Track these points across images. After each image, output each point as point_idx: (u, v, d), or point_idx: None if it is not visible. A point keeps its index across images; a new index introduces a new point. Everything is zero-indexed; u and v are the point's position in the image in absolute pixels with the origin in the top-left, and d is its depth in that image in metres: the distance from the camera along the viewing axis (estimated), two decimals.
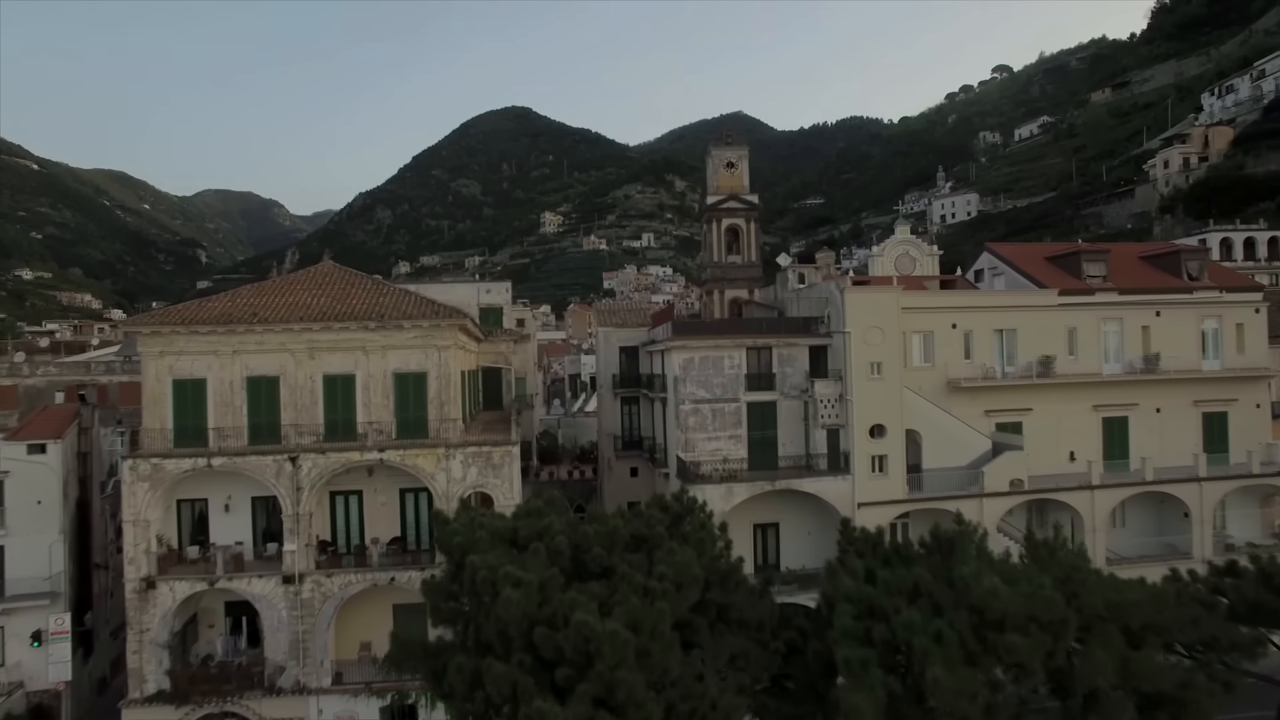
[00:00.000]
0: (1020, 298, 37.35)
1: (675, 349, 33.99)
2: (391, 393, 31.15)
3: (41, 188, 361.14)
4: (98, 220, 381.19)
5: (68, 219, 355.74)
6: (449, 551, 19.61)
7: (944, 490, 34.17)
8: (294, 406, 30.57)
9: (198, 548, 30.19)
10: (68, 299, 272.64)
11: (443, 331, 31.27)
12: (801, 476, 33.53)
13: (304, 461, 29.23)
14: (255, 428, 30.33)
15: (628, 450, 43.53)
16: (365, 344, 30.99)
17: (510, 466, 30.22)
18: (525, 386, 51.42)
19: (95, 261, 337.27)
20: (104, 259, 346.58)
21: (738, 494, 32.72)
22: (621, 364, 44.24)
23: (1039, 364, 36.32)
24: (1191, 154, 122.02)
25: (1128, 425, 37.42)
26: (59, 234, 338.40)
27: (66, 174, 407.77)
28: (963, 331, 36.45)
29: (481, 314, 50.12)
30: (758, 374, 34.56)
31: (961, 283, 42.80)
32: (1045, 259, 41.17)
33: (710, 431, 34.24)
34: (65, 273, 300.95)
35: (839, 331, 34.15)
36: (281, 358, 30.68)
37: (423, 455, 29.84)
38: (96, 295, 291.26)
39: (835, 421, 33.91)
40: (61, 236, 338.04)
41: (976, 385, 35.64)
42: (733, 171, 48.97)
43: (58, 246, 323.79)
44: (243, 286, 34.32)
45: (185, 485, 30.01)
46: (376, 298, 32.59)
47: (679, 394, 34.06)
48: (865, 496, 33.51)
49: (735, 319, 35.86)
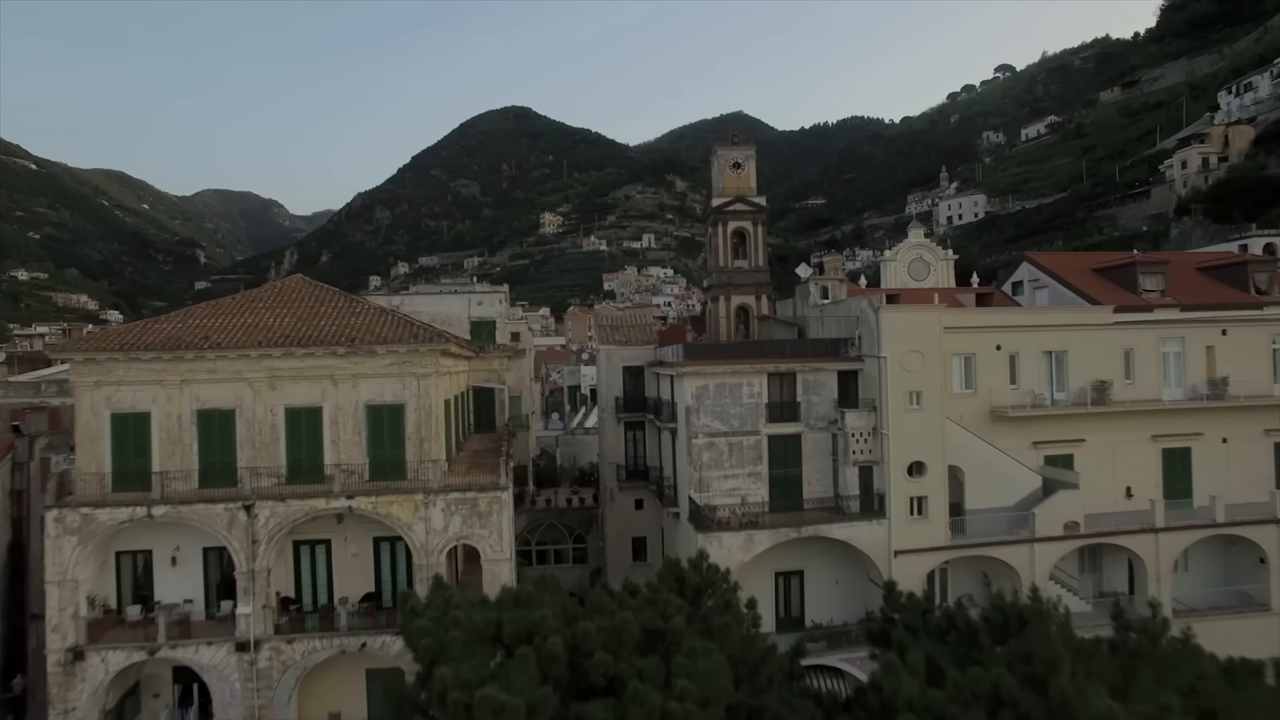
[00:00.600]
0: (1071, 315, 33.40)
1: (688, 375, 30.06)
2: (364, 428, 27.21)
3: (40, 188, 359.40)
4: (96, 220, 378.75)
5: (66, 219, 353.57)
6: (417, 654, 15.73)
7: (990, 535, 30.27)
8: (252, 444, 26.64)
9: (140, 607, 26.20)
10: (63, 300, 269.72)
11: (423, 357, 27.34)
12: (830, 521, 29.56)
13: (260, 510, 25.28)
14: (207, 469, 26.39)
15: (632, 480, 39.60)
16: (334, 372, 27.07)
17: (499, 515, 26.28)
18: (520, 406, 47.57)
19: (93, 262, 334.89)
20: (102, 259, 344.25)
21: (759, 543, 28.78)
22: (625, 385, 40.29)
23: (1094, 390, 32.39)
24: (1211, 154, 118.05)
25: (1190, 458, 33.49)
26: (57, 234, 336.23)
27: (65, 174, 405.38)
28: (1008, 354, 32.53)
29: (473, 328, 46.34)
30: (780, 403, 30.62)
31: (999, 297, 38.87)
32: (1093, 270, 37.26)
33: (726, 468, 30.32)
34: (61, 273, 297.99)
35: (873, 355, 30.21)
36: (238, 388, 26.75)
37: (398, 503, 25.89)
38: (93, 296, 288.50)
39: (868, 458, 29.96)
40: (59, 237, 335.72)
41: (1025, 415, 31.71)
42: (739, 172, 45.39)
43: (55, 247, 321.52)
44: (196, 305, 30.38)
45: (126, 535, 26.10)
46: (348, 318, 28.65)
47: (692, 426, 30.14)
48: (903, 543, 29.59)
49: (755, 341, 31.99)
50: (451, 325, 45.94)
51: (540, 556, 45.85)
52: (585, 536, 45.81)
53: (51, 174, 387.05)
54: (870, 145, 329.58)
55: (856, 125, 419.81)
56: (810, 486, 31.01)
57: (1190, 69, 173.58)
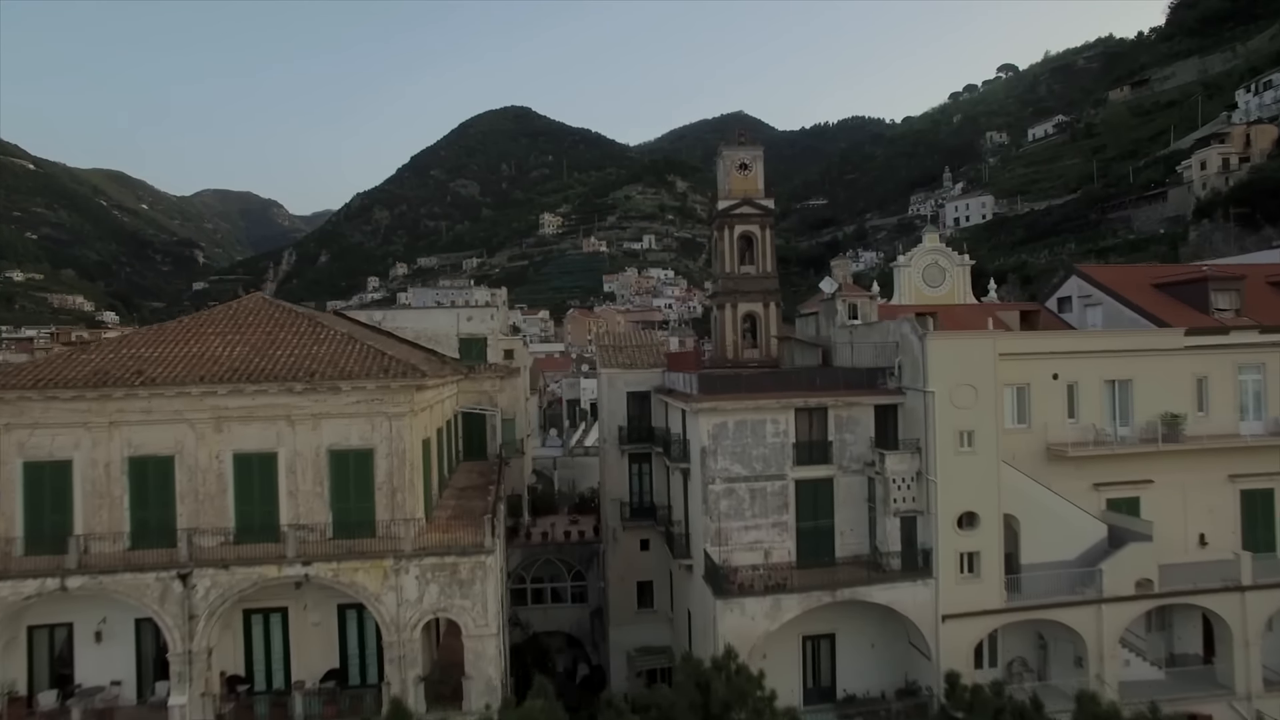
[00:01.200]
0: (1139, 339, 29.34)
1: (703, 411, 26.02)
2: (326, 477, 23.21)
3: (37, 188, 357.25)
4: (94, 220, 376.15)
5: (64, 219, 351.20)
6: None
7: (1050, 594, 26.25)
8: (194, 497, 22.66)
9: (56, 692, 22.19)
10: (59, 301, 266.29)
11: (395, 394, 23.35)
12: (869, 581, 25.49)
13: (199, 580, 21.27)
14: (140, 527, 22.39)
15: (637, 519, 35.58)
16: (291, 412, 23.08)
17: (484, 583, 22.23)
18: (514, 430, 43.55)
19: (91, 262, 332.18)
20: (100, 260, 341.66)
21: (787, 609, 24.72)
22: (629, 411, 36.25)
23: (1164, 424, 28.37)
24: (1232, 154, 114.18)
25: (1274, 501, 29.51)
26: (54, 234, 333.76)
27: (63, 174, 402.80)
28: (1065, 383, 28.55)
29: (462, 345, 42.43)
30: (809, 442, 26.60)
31: (1046, 316, 34.87)
32: (1154, 286, 33.25)
33: (748, 518, 26.30)
34: (57, 274, 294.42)
35: (916, 389, 26.18)
36: (178, 431, 22.77)
37: (364, 569, 21.88)
38: (89, 297, 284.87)
39: (911, 507, 25.94)
40: (57, 237, 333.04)
41: (1087, 454, 27.71)
42: (746, 174, 42.34)
43: (53, 247, 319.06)
44: (136, 331, 26.41)
45: (41, 607, 22.12)
46: (310, 347, 24.64)
47: (708, 470, 26.12)
48: (952, 606, 25.58)
49: (780, 371, 27.98)
50: (439, 343, 42.06)
51: (536, 595, 41.93)
52: (585, 573, 41.86)
53: (50, 174, 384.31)
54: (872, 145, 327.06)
55: (857, 125, 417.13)
56: (843, 538, 27.02)
57: (1203, 67, 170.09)
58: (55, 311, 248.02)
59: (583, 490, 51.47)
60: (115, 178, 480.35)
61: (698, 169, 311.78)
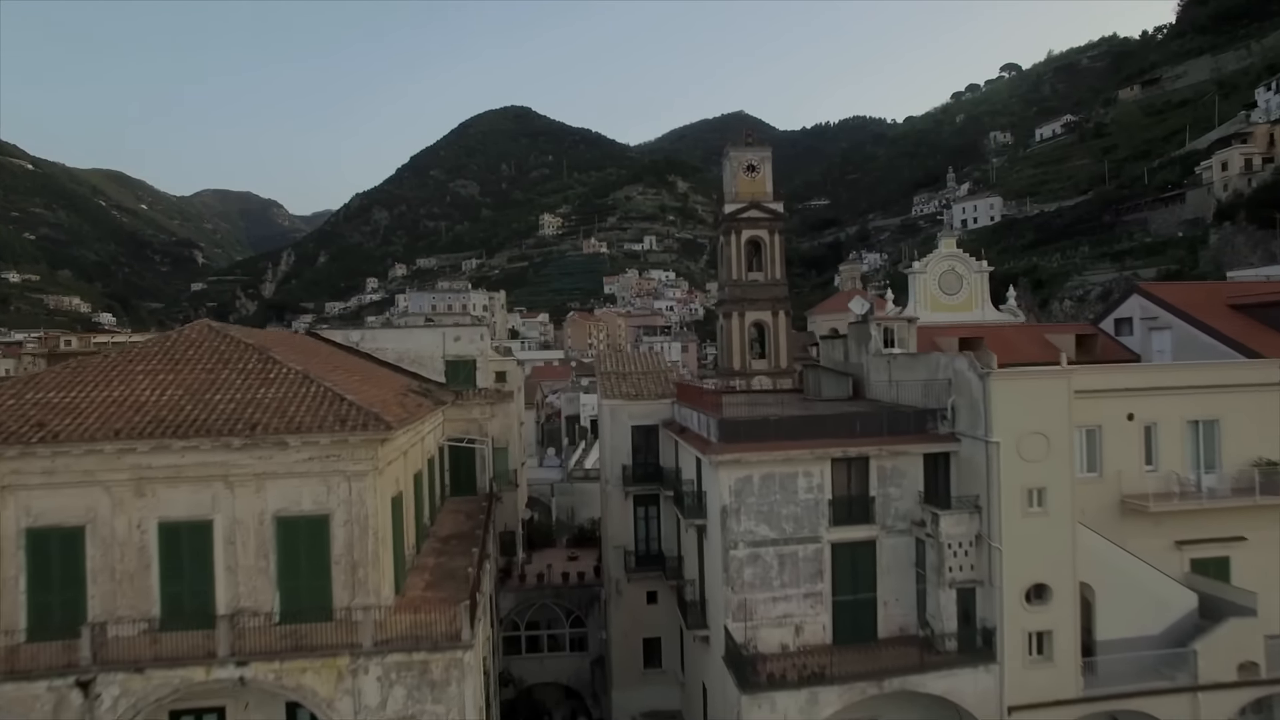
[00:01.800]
0: (1229, 372, 25.29)
1: (724, 464, 21.96)
2: (272, 550, 19.19)
3: (36, 188, 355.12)
4: (93, 221, 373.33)
5: (62, 220, 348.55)
6: None
7: (1134, 680, 22.19)
8: (109, 577, 18.64)
9: None
10: (55, 303, 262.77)
11: (355, 449, 19.32)
12: (921, 668, 21.34)
13: (105, 688, 17.22)
14: (40, 613, 18.36)
15: (643, 568, 31.48)
16: (229, 471, 19.07)
17: (461, 684, 18.15)
18: (507, 459, 39.59)
19: (89, 263, 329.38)
20: (98, 260, 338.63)
21: (826, 704, 20.59)
22: (635, 444, 32.15)
23: (1261, 473, 24.35)
24: (1254, 154, 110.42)
25: None
26: (53, 235, 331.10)
27: (62, 174, 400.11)
28: (1141, 424, 24.54)
29: (448, 368, 38.46)
30: (848, 498, 22.55)
31: (1105, 341, 30.80)
32: (1229, 306, 29.23)
33: (775, 588, 22.24)
34: (54, 275, 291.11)
35: (977, 437, 22.13)
36: (89, 496, 18.74)
37: (314, 669, 17.85)
38: (86, 298, 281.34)
39: (970, 576, 21.87)
40: (55, 237, 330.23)
41: (1171, 508, 23.69)
42: (754, 176, 38.94)
43: (51, 248, 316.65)
44: (47, 370, 22.24)
45: None
46: (256, 389, 20.58)
47: (729, 533, 22.06)
48: (1020, 696, 21.52)
49: (814, 416, 23.87)
50: (423, 365, 38.10)
51: (531, 644, 37.87)
52: (585, 619, 37.84)
53: (48, 174, 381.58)
54: (874, 145, 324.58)
55: (859, 125, 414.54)
56: (886, 609, 22.96)
57: (1216, 65, 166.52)
58: (51, 313, 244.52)
59: (582, 521, 47.43)
60: (114, 178, 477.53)
61: (698, 169, 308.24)
